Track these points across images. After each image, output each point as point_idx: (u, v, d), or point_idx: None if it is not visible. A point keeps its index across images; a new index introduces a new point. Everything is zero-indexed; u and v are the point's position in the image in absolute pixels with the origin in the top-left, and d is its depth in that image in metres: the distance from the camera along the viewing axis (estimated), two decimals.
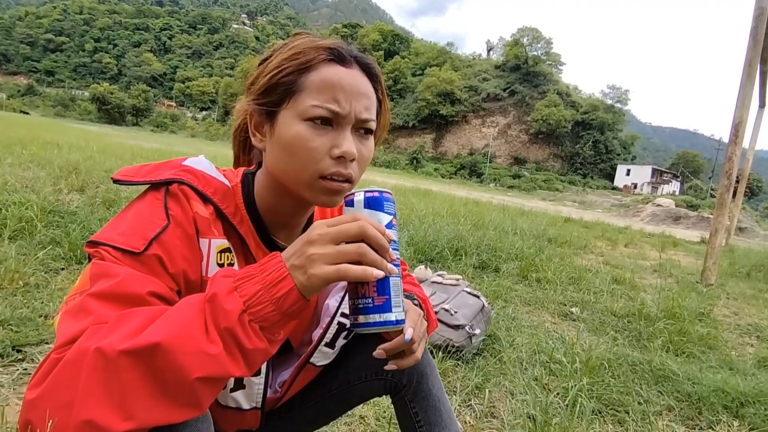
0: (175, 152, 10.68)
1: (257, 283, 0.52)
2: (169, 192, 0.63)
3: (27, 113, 61.44)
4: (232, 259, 0.68)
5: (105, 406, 0.45)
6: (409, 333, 0.68)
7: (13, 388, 1.31)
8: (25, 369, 1.41)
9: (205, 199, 0.66)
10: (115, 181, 0.65)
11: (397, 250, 0.59)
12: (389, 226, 0.58)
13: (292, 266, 0.53)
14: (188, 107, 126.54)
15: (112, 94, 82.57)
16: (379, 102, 0.72)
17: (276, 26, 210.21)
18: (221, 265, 0.66)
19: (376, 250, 0.55)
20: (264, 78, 0.67)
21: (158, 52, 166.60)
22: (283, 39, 0.78)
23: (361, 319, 0.56)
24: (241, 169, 0.77)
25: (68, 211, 3.12)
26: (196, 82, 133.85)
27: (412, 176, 37.87)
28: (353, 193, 0.61)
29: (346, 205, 0.62)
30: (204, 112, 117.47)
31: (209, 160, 0.74)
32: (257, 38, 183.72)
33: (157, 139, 25.98)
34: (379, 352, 0.70)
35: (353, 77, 0.65)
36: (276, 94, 0.65)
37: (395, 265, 0.57)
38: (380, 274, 0.54)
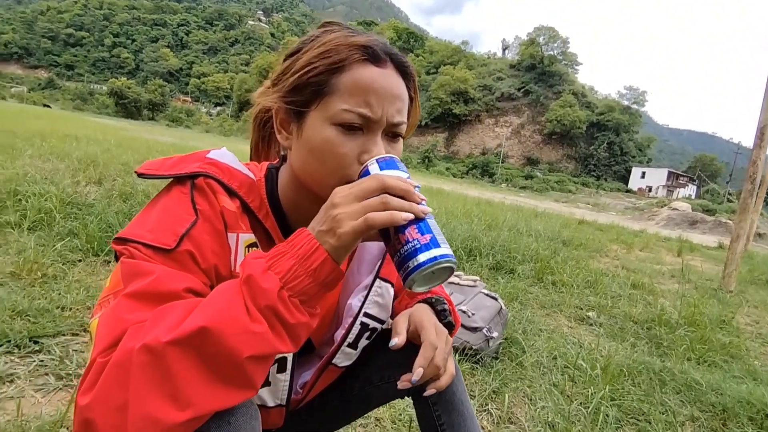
0: (190, 147, 10.78)
1: (290, 258, 0.51)
2: (196, 186, 0.61)
3: (49, 106, 62.62)
4: None
5: (160, 399, 0.44)
6: (418, 373, 0.70)
7: (29, 380, 1.31)
8: (42, 361, 1.41)
9: (231, 193, 0.65)
10: (140, 175, 0.64)
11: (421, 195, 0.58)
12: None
13: (320, 233, 0.53)
14: (203, 102, 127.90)
15: (129, 88, 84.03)
16: (411, 99, 0.69)
17: (291, 23, 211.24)
18: None
19: (402, 198, 0.54)
20: (292, 75, 0.64)
21: (175, 47, 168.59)
22: (299, 36, 0.75)
23: (411, 263, 0.52)
24: (265, 164, 0.76)
25: (86, 203, 3.15)
26: (211, 78, 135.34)
27: (423, 175, 37.80)
28: (366, 165, 0.60)
29: (362, 176, 0.60)
30: (218, 108, 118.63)
31: (218, 147, 0.72)
32: (272, 35, 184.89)
33: (172, 134, 26.28)
34: (403, 384, 0.72)
35: (387, 79, 0.63)
36: (305, 94, 0.63)
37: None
38: (408, 216, 0.53)
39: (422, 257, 0.52)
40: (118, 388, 0.45)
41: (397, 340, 0.73)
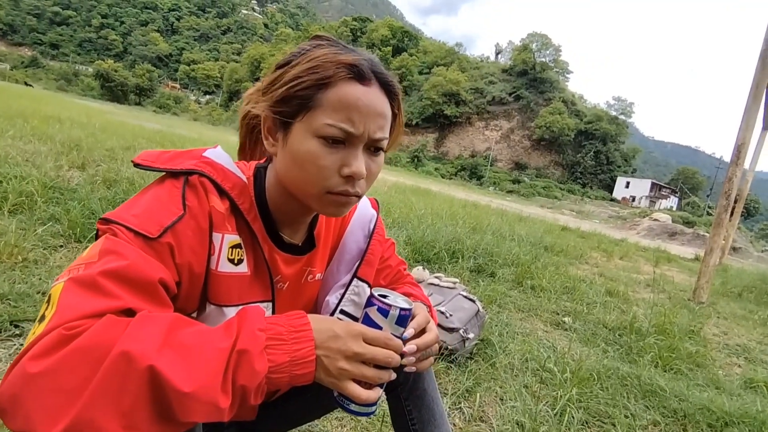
0: (176, 135, 10.64)
1: (285, 354, 0.54)
2: (189, 182, 0.63)
3: (31, 85, 60.91)
4: (242, 255, 0.69)
5: (112, 411, 0.44)
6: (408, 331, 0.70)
7: (9, 363, 1.32)
8: (22, 345, 1.42)
9: (223, 194, 0.67)
10: (136, 165, 0.65)
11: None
12: (406, 335, 0.70)
13: (321, 358, 0.57)
14: (192, 90, 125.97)
15: (116, 71, 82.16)
16: (394, 116, 0.72)
17: (286, 15, 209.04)
18: (231, 260, 0.67)
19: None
20: (281, 87, 0.66)
21: (165, 32, 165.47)
22: (293, 29, 0.78)
23: (353, 407, 0.65)
24: (253, 163, 0.78)
25: (68, 188, 3.11)
26: (201, 66, 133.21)
27: (412, 174, 37.86)
28: (389, 306, 0.66)
29: (379, 311, 0.67)
30: (207, 96, 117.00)
31: (213, 146, 0.75)
32: (266, 25, 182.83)
33: (159, 120, 25.84)
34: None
35: (371, 97, 0.65)
36: (292, 106, 0.65)
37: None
38: (379, 392, 0.65)
39: (356, 409, 0.65)
40: (75, 372, 0.44)
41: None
